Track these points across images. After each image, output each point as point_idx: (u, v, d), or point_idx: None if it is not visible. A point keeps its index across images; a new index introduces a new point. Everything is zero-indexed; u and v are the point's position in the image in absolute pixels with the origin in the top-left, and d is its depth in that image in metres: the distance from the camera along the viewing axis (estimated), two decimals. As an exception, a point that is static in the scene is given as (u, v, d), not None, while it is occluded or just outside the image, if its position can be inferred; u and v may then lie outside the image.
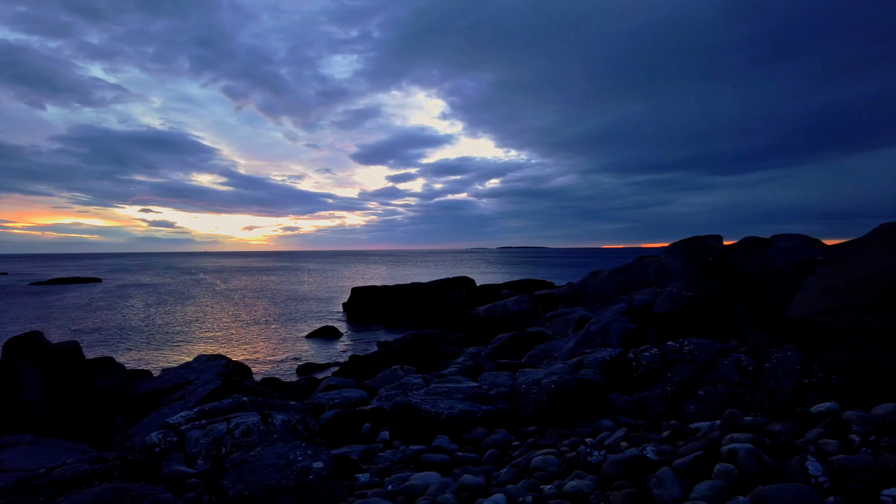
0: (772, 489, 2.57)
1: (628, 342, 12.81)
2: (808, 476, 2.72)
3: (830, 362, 8.05)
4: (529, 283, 34.79)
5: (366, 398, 10.67)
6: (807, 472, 2.74)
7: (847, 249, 9.61)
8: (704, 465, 3.13)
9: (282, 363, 20.54)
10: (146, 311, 38.48)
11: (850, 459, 2.84)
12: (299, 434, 5.99)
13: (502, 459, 6.12)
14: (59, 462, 6.25)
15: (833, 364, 8.05)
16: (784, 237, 19.20)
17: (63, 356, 8.81)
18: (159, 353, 22.69)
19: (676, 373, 8.56)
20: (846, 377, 7.78)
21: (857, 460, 2.81)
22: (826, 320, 8.60)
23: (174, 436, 5.51)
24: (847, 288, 8.63)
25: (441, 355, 15.83)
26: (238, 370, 9.79)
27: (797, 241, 18.81)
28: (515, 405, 8.72)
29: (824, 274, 9.78)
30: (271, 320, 33.75)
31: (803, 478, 2.72)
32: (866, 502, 2.56)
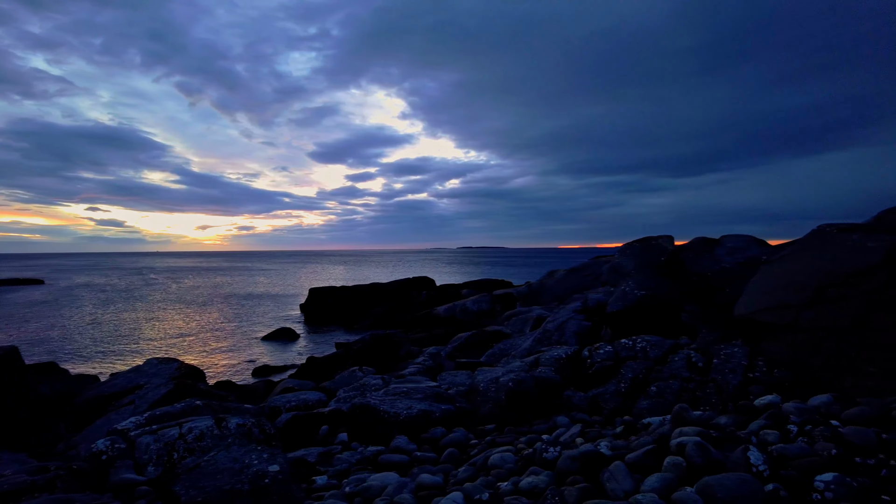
0: (716, 479, 2.70)
1: (583, 340, 13.08)
2: (749, 465, 2.86)
3: (773, 357, 8.43)
4: (488, 282, 35.11)
5: (324, 400, 10.56)
6: (748, 461, 2.88)
7: (787, 250, 10.09)
8: (655, 458, 3.24)
9: (237, 366, 20.07)
10: (93, 314, 36.91)
11: (788, 448, 3.00)
12: (255, 437, 5.88)
13: (460, 458, 6.17)
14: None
15: (775, 359, 8.43)
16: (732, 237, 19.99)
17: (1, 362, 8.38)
18: (107, 358, 21.82)
19: (629, 369, 8.80)
20: (787, 371, 8.16)
21: (794, 449, 2.98)
22: (768, 317, 9.00)
23: (122, 442, 5.33)
24: (786, 286, 9.08)
25: (401, 356, 15.80)
26: (191, 373, 9.52)
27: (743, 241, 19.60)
28: (474, 404, 8.80)
29: (767, 273, 10.24)
30: (226, 322, 32.93)
31: (745, 467, 2.86)
32: (802, 488, 2.71)
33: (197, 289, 63.13)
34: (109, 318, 34.57)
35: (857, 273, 8.33)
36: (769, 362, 8.38)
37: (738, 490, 2.63)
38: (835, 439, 3.04)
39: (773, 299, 9.24)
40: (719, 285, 14.97)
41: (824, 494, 2.58)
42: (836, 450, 2.92)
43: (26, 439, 7.97)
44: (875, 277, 8.16)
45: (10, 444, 7.53)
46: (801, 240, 10.35)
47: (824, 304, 8.35)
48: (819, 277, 8.69)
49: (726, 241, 20.36)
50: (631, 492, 2.97)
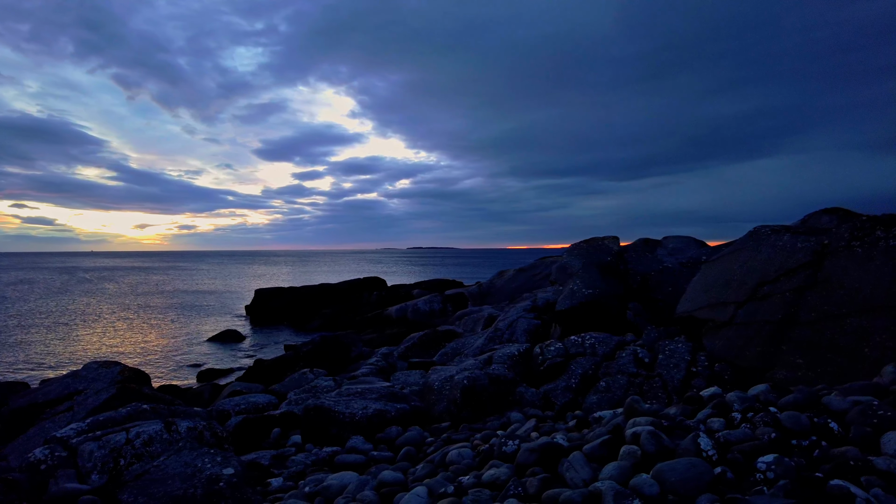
0: (668, 464, 2.86)
1: (534, 338, 13.36)
2: (699, 450, 3.04)
3: (713, 352, 8.87)
4: (440, 282, 35.24)
5: (274, 403, 10.36)
6: (699, 447, 3.05)
7: (725, 250, 10.63)
8: (611, 448, 3.38)
9: (180, 369, 19.35)
10: (20, 316, 34.73)
11: (732, 434, 3.20)
12: (206, 441, 5.72)
13: (417, 457, 6.20)
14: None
15: (715, 354, 8.87)
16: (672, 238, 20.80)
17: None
18: (38, 364, 20.59)
19: (579, 365, 9.07)
20: (726, 365, 8.60)
21: (738, 434, 3.19)
22: (708, 314, 9.47)
23: (63, 450, 5.07)
24: (724, 285, 9.58)
25: (352, 357, 15.67)
26: (135, 377, 9.13)
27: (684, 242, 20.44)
28: (428, 403, 8.85)
29: (706, 273, 10.75)
30: (167, 324, 31.67)
31: (696, 453, 3.03)
32: (746, 469, 2.91)
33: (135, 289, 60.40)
34: (39, 321, 32.62)
35: (788, 272, 8.86)
36: (709, 357, 8.81)
37: (688, 473, 2.80)
38: (773, 424, 3.26)
39: (711, 297, 9.73)
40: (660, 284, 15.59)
41: (766, 474, 2.77)
42: (774, 433, 3.14)
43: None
44: (803, 276, 8.70)
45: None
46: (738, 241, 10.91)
47: (758, 301, 8.86)
48: (754, 276, 9.22)
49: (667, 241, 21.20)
50: (590, 480, 3.09)
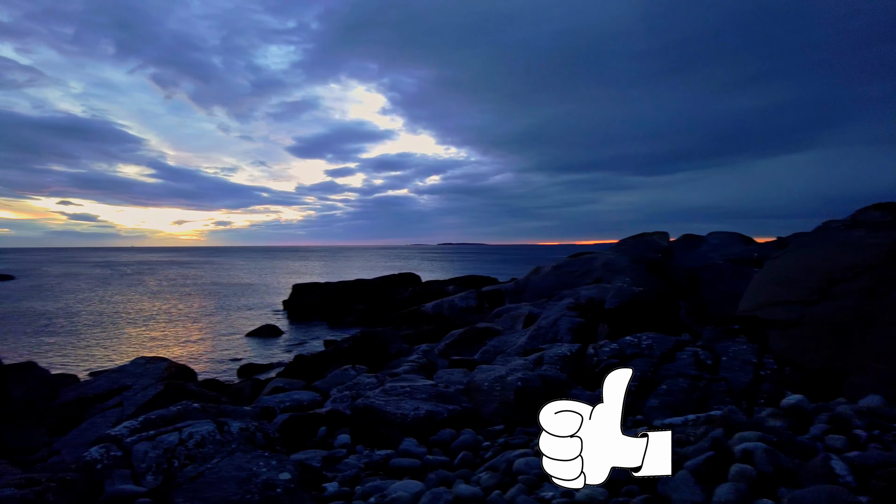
0: (804, 493, 2.47)
1: (578, 336, 12.93)
2: (833, 475, 2.65)
3: (781, 355, 8.32)
4: (474, 279, 34.90)
5: (318, 400, 10.21)
6: (832, 471, 2.66)
7: (790, 246, 10.02)
8: (716, 466, 3.01)
9: (221, 364, 19.52)
10: (67, 310, 35.77)
11: (868, 457, 2.79)
12: (258, 443, 5.53)
13: (474, 462, 5.90)
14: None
15: (782, 356, 8.32)
16: (716, 234, 19.95)
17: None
18: (85, 356, 21.09)
19: (636, 367, 8.62)
20: (796, 368, 8.06)
21: (875, 457, 2.77)
22: (772, 314, 8.91)
23: (118, 450, 4.94)
24: (791, 283, 8.98)
25: (392, 353, 15.48)
26: (181, 373, 9.10)
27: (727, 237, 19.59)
28: (476, 403, 8.54)
29: (770, 269, 10.15)
30: (207, 318, 32.18)
31: (828, 478, 2.64)
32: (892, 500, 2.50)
33: (175, 284, 61.85)
34: (85, 314, 33.54)
35: (865, 268, 8.26)
36: (777, 360, 8.28)
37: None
38: (912, 445, 2.85)
39: (776, 295, 9.15)
40: (710, 282, 14.92)
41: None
42: (917, 457, 2.73)
43: (5, 445, 7.48)
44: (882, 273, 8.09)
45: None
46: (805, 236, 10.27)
47: (830, 300, 8.27)
48: (825, 274, 8.61)
49: (710, 237, 20.36)
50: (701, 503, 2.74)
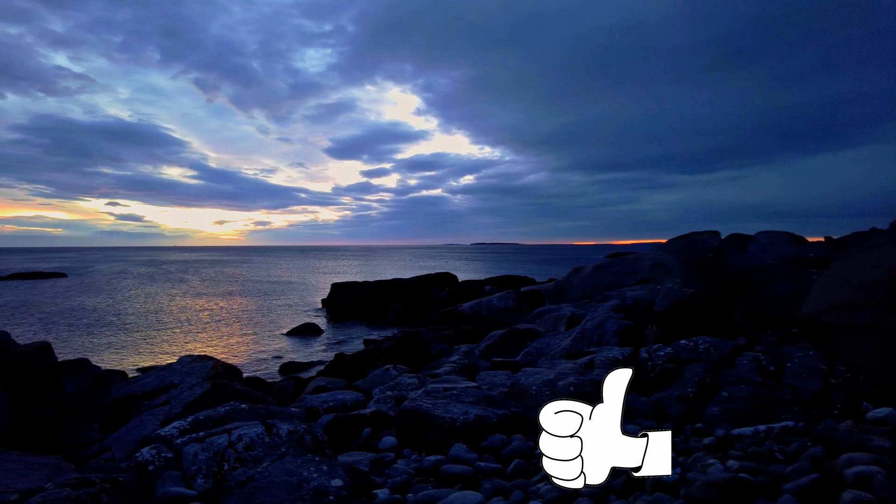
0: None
1: (625, 339, 12.52)
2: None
3: (853, 362, 7.79)
4: (512, 279, 34.48)
5: (361, 400, 10.10)
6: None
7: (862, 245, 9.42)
8: (823, 490, 2.69)
9: (263, 362, 19.74)
10: (116, 307, 36.94)
11: None
12: (307, 445, 5.40)
13: (528, 470, 5.65)
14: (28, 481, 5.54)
15: (856, 364, 7.79)
16: (765, 234, 19.07)
17: (30, 359, 8.00)
18: (133, 352, 21.64)
19: (692, 372, 8.22)
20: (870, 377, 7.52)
21: None
22: (840, 318, 8.36)
23: (168, 451, 4.88)
24: (862, 285, 8.40)
25: (432, 354, 15.31)
26: (227, 372, 9.11)
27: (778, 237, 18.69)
28: (523, 407, 8.27)
29: (837, 271, 9.56)
30: (248, 316, 32.73)
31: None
32: None
33: (217, 282, 63.33)
34: (132, 312, 34.55)
35: (947, 271, 7.64)
36: (849, 367, 7.74)
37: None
38: None
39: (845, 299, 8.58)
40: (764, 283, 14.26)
41: None
42: None
43: (58, 440, 7.60)
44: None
45: (43, 445, 7.15)
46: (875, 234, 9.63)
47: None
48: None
49: (759, 237, 19.49)
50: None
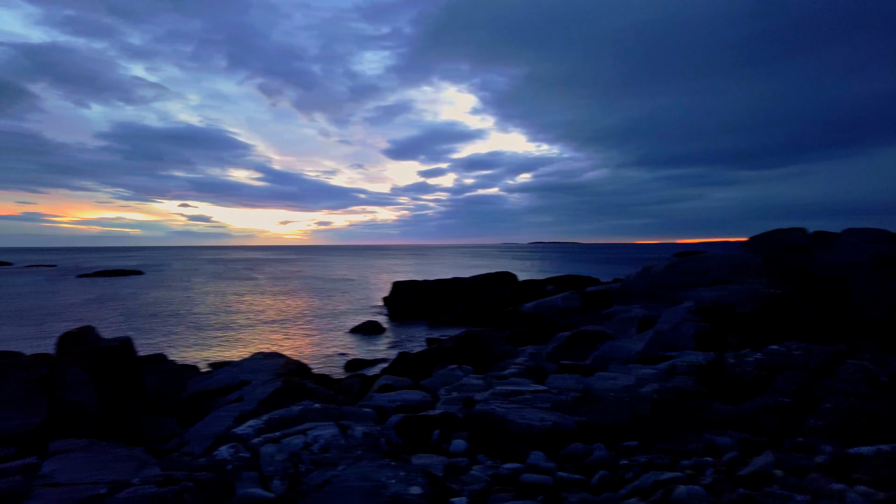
0: None
1: (702, 343, 11.81)
2: None
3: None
4: (574, 278, 33.64)
5: (428, 401, 9.93)
6: None
7: None
8: None
9: (328, 359, 20.04)
10: (188, 303, 38.69)
11: None
12: (381, 448, 5.24)
13: (613, 482, 5.28)
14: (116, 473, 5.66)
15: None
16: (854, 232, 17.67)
17: (115, 353, 8.29)
18: (204, 347, 22.50)
19: (788, 380, 7.56)
20: None
21: None
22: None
23: (245, 451, 4.83)
24: None
25: (496, 354, 15.02)
26: (297, 370, 9.16)
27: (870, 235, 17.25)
28: (598, 414, 7.86)
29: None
30: (312, 313, 33.49)
31: None
32: None
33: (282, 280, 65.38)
34: (203, 307, 36.05)
35: None
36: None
37: None
38: None
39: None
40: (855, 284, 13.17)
41: None
42: None
43: (140, 433, 7.81)
44: None
45: (127, 437, 7.35)
46: None
47: None
48: None
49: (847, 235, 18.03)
50: None
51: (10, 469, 5.84)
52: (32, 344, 22.13)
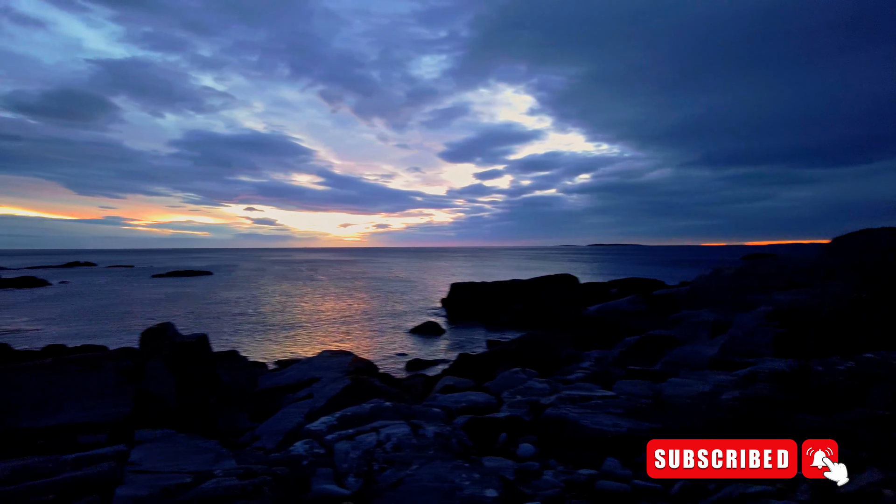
0: None
1: (781, 349, 11.15)
2: None
3: None
4: (639, 281, 32.60)
5: (493, 403, 9.82)
6: None
7: None
8: None
9: (389, 358, 20.30)
10: (254, 302, 40.19)
11: None
12: (452, 449, 5.19)
13: (694, 492, 5.02)
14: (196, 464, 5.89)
15: None
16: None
17: (192, 349, 8.65)
18: (271, 344, 23.28)
19: (887, 393, 6.98)
20: None
21: None
22: None
23: (320, 447, 4.90)
24: None
25: (561, 357, 14.73)
26: (364, 368, 9.27)
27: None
28: (670, 421, 7.53)
29: None
30: (373, 313, 34.06)
31: None
32: None
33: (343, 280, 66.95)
34: (269, 306, 37.35)
35: None
36: None
37: None
38: None
39: None
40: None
41: None
42: None
43: (215, 426, 8.10)
44: None
45: (203, 429, 7.64)
46: None
47: None
48: None
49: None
50: None
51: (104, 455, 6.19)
52: (115, 338, 23.57)
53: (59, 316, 33.35)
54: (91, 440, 6.89)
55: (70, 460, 6.16)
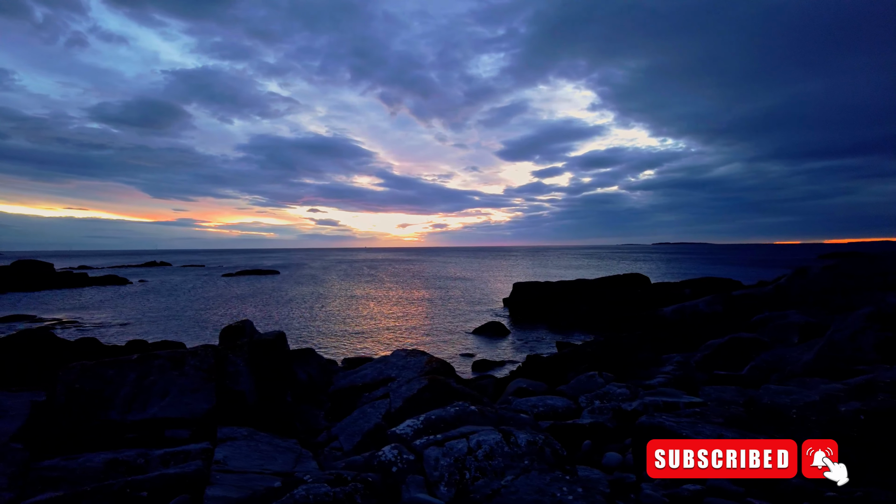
0: None
1: (888, 355, 10.12)
2: None
3: None
4: (715, 281, 30.93)
5: (572, 408, 9.39)
6: None
7: None
8: None
9: (455, 358, 20.09)
10: (320, 301, 41.06)
11: None
12: (546, 459, 4.85)
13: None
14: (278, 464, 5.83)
15: None
16: None
17: (270, 347, 8.69)
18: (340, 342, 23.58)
19: None
20: None
21: None
22: None
23: (409, 453, 4.67)
24: None
25: (638, 361, 14.03)
26: (441, 368, 9.05)
27: None
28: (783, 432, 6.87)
29: None
30: (435, 312, 34.02)
31: None
32: None
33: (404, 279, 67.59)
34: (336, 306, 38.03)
35: None
36: None
37: None
38: None
39: None
40: None
41: None
42: None
43: (292, 424, 8.09)
44: None
45: (281, 428, 7.63)
46: None
47: None
48: None
49: None
50: None
51: (190, 452, 6.24)
52: (192, 335, 24.53)
53: (140, 312, 35.22)
54: (176, 435, 7.00)
55: (158, 455, 6.27)
